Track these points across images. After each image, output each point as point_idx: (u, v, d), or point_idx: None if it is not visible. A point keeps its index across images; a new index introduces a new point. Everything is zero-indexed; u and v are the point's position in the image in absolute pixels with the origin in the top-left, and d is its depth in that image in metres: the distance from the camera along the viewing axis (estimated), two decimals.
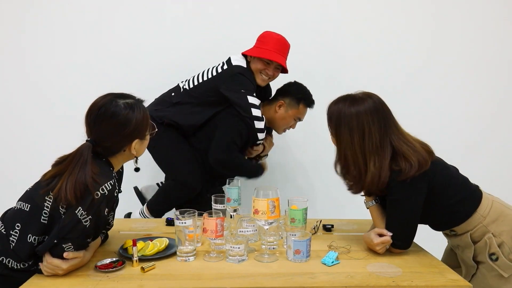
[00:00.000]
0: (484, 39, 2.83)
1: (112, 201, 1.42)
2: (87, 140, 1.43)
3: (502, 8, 2.80)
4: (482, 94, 2.85)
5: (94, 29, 2.68)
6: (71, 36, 2.68)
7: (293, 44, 2.35)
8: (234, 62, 2.25)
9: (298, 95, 2.33)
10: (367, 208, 1.67)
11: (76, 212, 1.32)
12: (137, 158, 1.53)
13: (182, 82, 2.39)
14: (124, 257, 1.48)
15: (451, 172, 1.62)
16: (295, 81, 2.39)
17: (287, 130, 2.44)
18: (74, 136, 1.50)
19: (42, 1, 2.64)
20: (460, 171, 1.66)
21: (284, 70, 2.32)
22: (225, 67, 2.26)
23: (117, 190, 1.41)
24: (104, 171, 1.40)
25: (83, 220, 1.33)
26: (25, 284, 1.32)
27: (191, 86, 2.30)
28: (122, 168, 1.66)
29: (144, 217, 2.34)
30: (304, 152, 2.89)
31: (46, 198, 1.37)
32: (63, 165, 1.39)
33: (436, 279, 1.38)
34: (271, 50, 2.22)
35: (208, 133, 2.29)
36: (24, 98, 2.69)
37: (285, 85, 2.38)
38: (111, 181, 1.38)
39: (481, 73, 2.85)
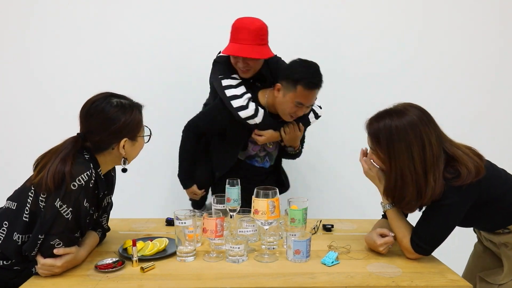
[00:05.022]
0: (473, 36, 2.83)
1: (90, 192, 1.41)
2: (77, 134, 1.46)
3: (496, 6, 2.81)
4: (472, 93, 2.86)
5: (98, 27, 2.67)
6: (76, 34, 2.67)
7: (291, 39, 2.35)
8: (218, 54, 2.23)
9: (295, 76, 1.94)
10: (384, 211, 1.62)
11: (55, 204, 1.32)
12: (125, 159, 1.52)
13: None
14: (124, 257, 1.48)
15: (502, 175, 1.55)
16: (298, 59, 2.03)
17: (293, 116, 2.06)
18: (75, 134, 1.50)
19: (45, 1, 2.64)
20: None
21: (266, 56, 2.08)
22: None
23: (93, 181, 1.41)
24: (81, 163, 1.40)
25: (64, 213, 1.34)
26: (25, 284, 1.32)
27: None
28: (114, 172, 1.66)
29: None
30: (304, 152, 2.89)
31: (29, 193, 1.38)
32: (47, 156, 1.40)
33: (436, 279, 1.38)
34: (238, 42, 2.01)
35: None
36: (27, 96, 2.68)
37: (287, 64, 2.07)
38: (87, 172, 1.38)
39: (472, 72, 2.85)
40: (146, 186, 2.79)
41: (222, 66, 2.11)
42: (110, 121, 1.44)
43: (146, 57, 2.71)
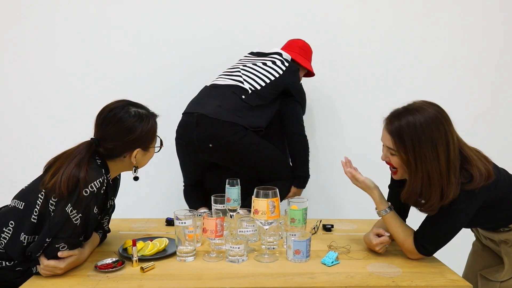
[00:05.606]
0: (474, 36, 2.82)
1: (100, 198, 1.42)
2: (91, 138, 1.47)
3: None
4: (473, 94, 2.86)
5: (99, 26, 2.67)
6: (76, 34, 2.66)
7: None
8: (289, 59, 2.35)
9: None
10: (380, 217, 1.60)
11: (66, 209, 1.33)
12: (136, 167, 1.54)
13: (238, 82, 2.20)
14: (124, 257, 1.49)
15: (506, 177, 1.52)
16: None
17: None
18: (74, 136, 1.50)
19: (45, 1, 2.65)
20: None
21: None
22: (286, 64, 2.29)
23: (104, 188, 1.41)
24: (94, 169, 1.40)
25: (73, 218, 1.34)
26: (25, 284, 1.33)
27: (259, 87, 2.17)
28: (119, 175, 1.66)
29: None
30: None
31: (39, 195, 1.38)
32: (61, 160, 1.40)
33: (436, 279, 1.38)
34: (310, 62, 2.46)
35: (274, 128, 2.27)
36: (25, 98, 2.68)
37: (300, 89, 2.54)
38: (100, 179, 1.39)
39: (472, 72, 2.85)
40: (146, 186, 2.79)
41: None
42: (127, 131, 1.45)
43: (146, 57, 2.70)
